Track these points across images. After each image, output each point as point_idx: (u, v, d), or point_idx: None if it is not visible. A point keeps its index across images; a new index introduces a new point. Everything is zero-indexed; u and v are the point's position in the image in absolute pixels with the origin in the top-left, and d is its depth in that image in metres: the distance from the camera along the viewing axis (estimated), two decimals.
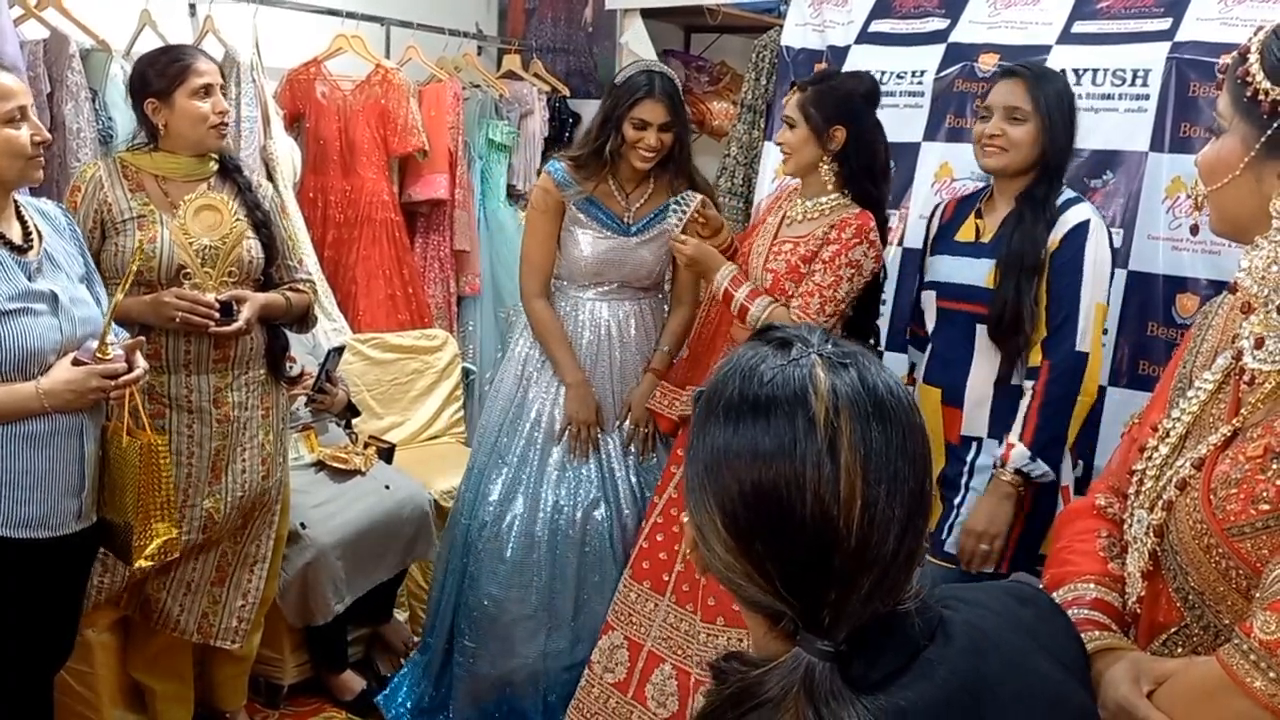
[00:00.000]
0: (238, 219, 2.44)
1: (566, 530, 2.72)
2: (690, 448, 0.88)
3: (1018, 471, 2.21)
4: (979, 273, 2.33)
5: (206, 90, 2.38)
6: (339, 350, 3.06)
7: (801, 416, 0.80)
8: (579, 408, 2.73)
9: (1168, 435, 1.16)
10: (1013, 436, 2.23)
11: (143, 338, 2.19)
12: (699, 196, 2.59)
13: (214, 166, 2.47)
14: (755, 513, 0.81)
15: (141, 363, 2.10)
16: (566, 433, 2.76)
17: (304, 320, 2.66)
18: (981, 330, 2.32)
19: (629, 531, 2.76)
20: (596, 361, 2.80)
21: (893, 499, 0.80)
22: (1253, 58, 1.07)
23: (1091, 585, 1.22)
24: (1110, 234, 2.33)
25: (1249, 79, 1.06)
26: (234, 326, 2.37)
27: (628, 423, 2.80)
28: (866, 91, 2.45)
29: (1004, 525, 2.24)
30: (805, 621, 0.81)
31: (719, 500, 0.83)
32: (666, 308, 2.92)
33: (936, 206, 2.60)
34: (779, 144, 2.54)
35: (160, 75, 2.37)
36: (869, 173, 2.45)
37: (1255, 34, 1.08)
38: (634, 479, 2.80)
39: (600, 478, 2.76)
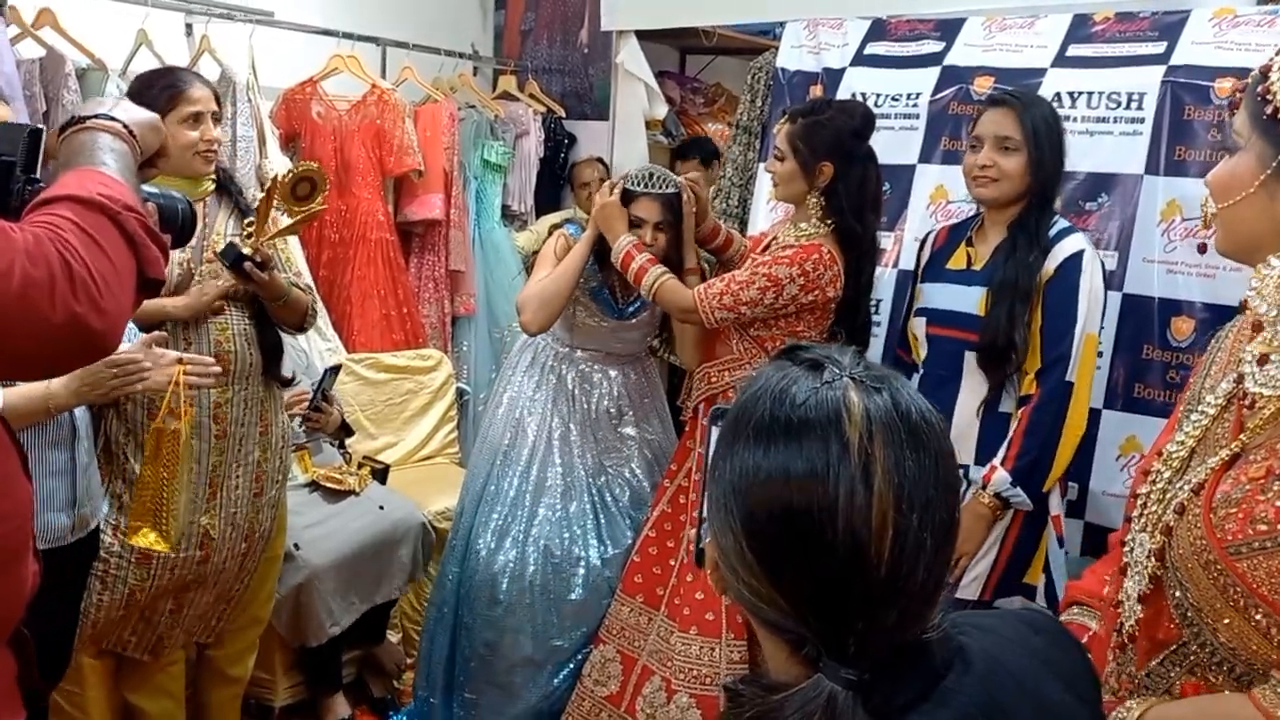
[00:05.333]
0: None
1: (560, 570, 2.68)
2: (714, 468, 0.86)
3: (997, 495, 2.22)
4: (970, 300, 2.33)
5: (196, 118, 2.37)
6: (335, 370, 3.05)
7: (835, 441, 0.78)
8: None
9: (1171, 459, 1.16)
10: (996, 460, 2.23)
11: (159, 333, 2.22)
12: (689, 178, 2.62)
13: (210, 186, 2.47)
14: (784, 537, 0.79)
15: (167, 354, 2.13)
16: (553, 469, 2.73)
17: (301, 323, 2.64)
18: (969, 357, 2.32)
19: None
20: (572, 410, 2.78)
21: (924, 528, 0.78)
22: (1274, 76, 1.06)
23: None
24: (1103, 263, 2.33)
25: (1269, 97, 1.06)
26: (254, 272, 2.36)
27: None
28: (857, 129, 2.39)
29: (975, 545, 2.24)
30: (829, 649, 0.79)
31: (745, 523, 0.81)
32: (643, 369, 2.90)
33: (928, 234, 2.61)
34: (769, 171, 2.52)
35: (154, 97, 2.37)
36: (855, 209, 2.40)
37: (1277, 54, 1.08)
38: (627, 519, 2.77)
39: (595, 517, 2.73)
